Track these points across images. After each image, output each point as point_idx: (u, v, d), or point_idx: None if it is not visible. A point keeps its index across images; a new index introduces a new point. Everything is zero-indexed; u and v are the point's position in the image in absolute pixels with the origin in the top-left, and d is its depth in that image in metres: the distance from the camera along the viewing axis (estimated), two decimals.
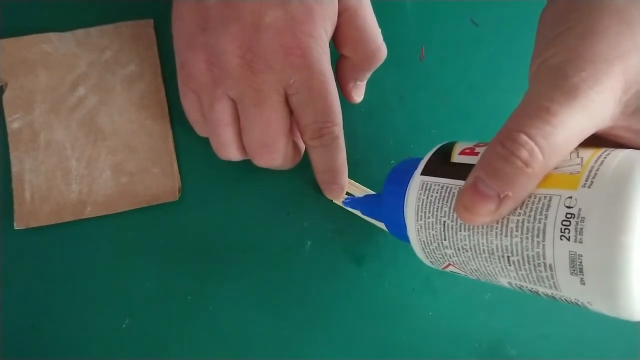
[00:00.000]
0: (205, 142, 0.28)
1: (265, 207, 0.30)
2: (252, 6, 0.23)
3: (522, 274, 0.18)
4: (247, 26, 0.23)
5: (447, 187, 0.21)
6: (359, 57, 0.28)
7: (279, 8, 0.23)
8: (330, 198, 0.30)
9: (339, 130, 0.26)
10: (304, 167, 0.29)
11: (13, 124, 0.29)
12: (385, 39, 0.28)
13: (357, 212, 0.30)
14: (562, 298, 0.18)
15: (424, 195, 0.21)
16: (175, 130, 0.30)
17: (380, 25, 0.27)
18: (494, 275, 0.20)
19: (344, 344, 0.29)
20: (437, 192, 0.21)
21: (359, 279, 0.30)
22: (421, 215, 0.22)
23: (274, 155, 0.26)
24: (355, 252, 0.30)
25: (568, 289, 0.17)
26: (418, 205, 0.22)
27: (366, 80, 0.31)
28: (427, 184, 0.22)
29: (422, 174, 0.22)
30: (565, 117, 0.17)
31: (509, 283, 0.20)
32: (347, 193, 0.30)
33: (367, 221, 0.30)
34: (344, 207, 0.30)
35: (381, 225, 0.30)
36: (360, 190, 0.30)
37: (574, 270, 0.16)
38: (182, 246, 0.29)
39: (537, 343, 0.31)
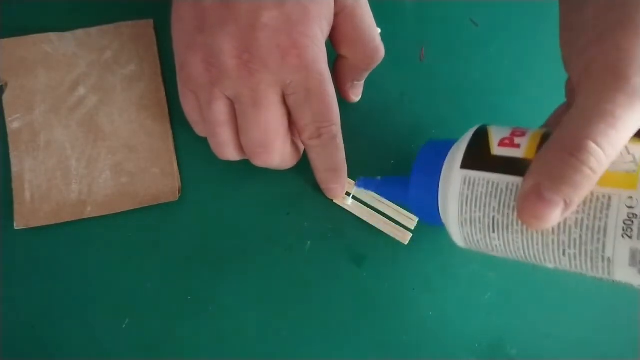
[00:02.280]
0: (205, 142, 0.28)
1: (265, 207, 0.30)
2: (248, 6, 0.23)
3: (575, 264, 0.19)
4: (244, 26, 0.23)
5: (494, 182, 0.21)
6: (357, 57, 0.28)
7: (275, 8, 0.23)
8: (330, 198, 0.30)
9: (337, 129, 0.26)
10: (304, 167, 0.29)
11: (13, 124, 0.29)
12: (385, 39, 0.28)
13: (366, 192, 0.30)
14: (611, 280, 0.19)
15: (468, 190, 0.21)
16: (175, 130, 0.30)
17: (380, 25, 0.27)
18: (541, 261, 0.21)
19: (343, 344, 0.29)
20: (482, 187, 0.21)
21: (359, 279, 0.30)
22: (466, 210, 0.22)
23: (272, 155, 0.26)
24: (355, 252, 0.30)
25: (622, 275, 0.18)
26: (462, 200, 0.22)
27: (364, 80, 0.31)
28: (471, 178, 0.21)
29: (462, 167, 0.22)
30: (628, 120, 0.17)
31: (556, 267, 0.20)
32: (347, 193, 0.30)
33: (367, 221, 0.30)
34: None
35: (395, 208, 0.30)
36: (361, 191, 0.30)
37: (634, 262, 0.17)
38: (182, 246, 0.29)
39: (537, 343, 0.31)
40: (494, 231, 0.21)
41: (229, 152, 0.27)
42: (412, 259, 0.31)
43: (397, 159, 0.32)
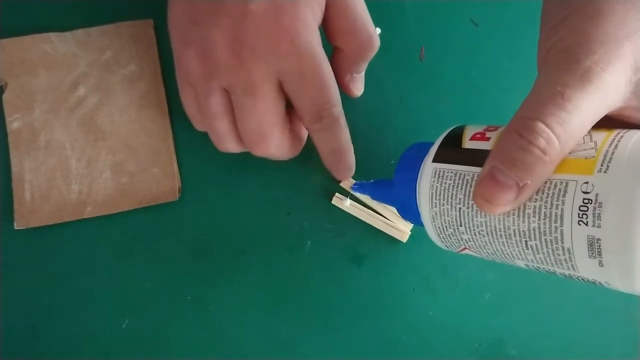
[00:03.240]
0: (206, 142, 0.28)
1: (265, 207, 0.30)
2: None
3: (539, 257, 0.19)
4: (235, 17, 0.23)
5: (461, 173, 0.21)
6: (351, 47, 0.27)
7: None
8: (339, 179, 0.30)
9: (339, 110, 0.26)
10: (304, 166, 0.29)
11: (13, 124, 0.29)
12: (385, 39, 0.28)
13: (365, 197, 0.30)
14: (579, 278, 0.18)
15: (437, 183, 0.22)
16: (175, 130, 0.30)
17: (380, 25, 0.27)
18: (510, 258, 0.20)
19: (344, 344, 0.29)
20: (450, 179, 0.21)
21: (359, 279, 0.30)
22: (435, 203, 0.22)
23: (270, 144, 0.26)
24: (355, 252, 0.30)
25: (586, 270, 0.17)
26: (432, 193, 0.22)
27: (363, 73, 0.30)
28: (440, 171, 0.22)
29: (433, 161, 0.22)
30: (580, 102, 0.17)
31: (526, 265, 0.20)
32: (346, 193, 0.30)
33: (366, 222, 0.30)
34: (351, 191, 0.30)
35: (392, 209, 0.30)
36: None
37: (593, 253, 0.17)
38: (182, 246, 0.29)
39: (537, 343, 0.31)
40: (461, 224, 0.21)
41: (229, 144, 0.27)
42: (412, 259, 0.31)
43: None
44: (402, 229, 0.30)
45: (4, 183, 0.28)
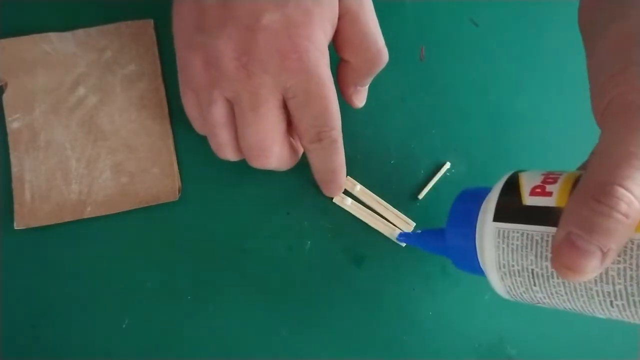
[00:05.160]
0: (206, 142, 0.28)
1: (265, 207, 0.30)
2: (249, 7, 0.23)
3: (626, 314, 0.18)
4: (243, 28, 0.23)
5: (528, 234, 0.20)
6: (359, 61, 0.27)
7: (276, 10, 0.23)
8: (328, 196, 0.30)
9: (337, 134, 0.26)
10: (304, 167, 0.29)
11: (13, 124, 0.29)
12: (385, 39, 0.28)
13: (366, 198, 0.30)
14: None
15: (503, 244, 0.21)
16: (175, 130, 0.30)
17: (380, 25, 0.27)
18: (591, 313, 0.20)
19: (344, 344, 0.29)
20: (517, 240, 0.20)
21: (359, 279, 0.30)
22: (504, 264, 0.21)
23: (269, 158, 0.26)
24: (355, 252, 0.30)
25: None
26: (498, 254, 0.21)
27: (368, 85, 0.30)
28: (504, 231, 0.21)
29: (495, 220, 0.21)
30: None
31: (608, 317, 0.20)
32: (347, 193, 0.30)
33: (366, 222, 0.30)
34: (396, 241, 0.30)
35: (393, 209, 0.30)
36: (361, 192, 0.31)
37: None
38: (182, 246, 0.29)
39: (537, 343, 0.31)
40: (534, 284, 0.20)
41: (228, 153, 0.27)
42: (412, 259, 0.31)
43: (397, 159, 0.32)
44: (402, 229, 0.30)
45: (4, 183, 0.28)
